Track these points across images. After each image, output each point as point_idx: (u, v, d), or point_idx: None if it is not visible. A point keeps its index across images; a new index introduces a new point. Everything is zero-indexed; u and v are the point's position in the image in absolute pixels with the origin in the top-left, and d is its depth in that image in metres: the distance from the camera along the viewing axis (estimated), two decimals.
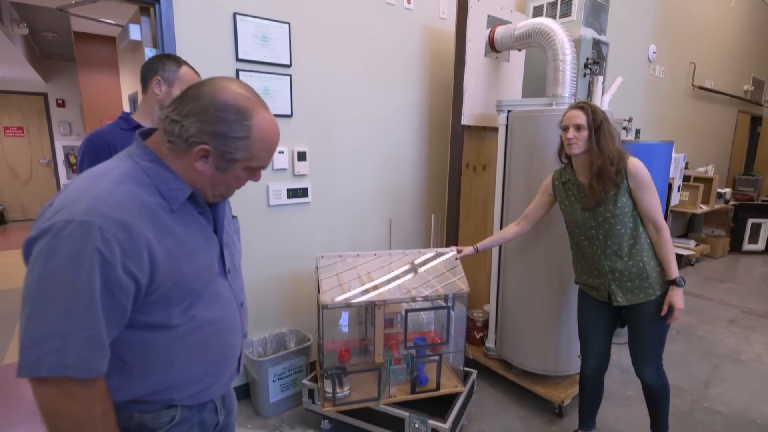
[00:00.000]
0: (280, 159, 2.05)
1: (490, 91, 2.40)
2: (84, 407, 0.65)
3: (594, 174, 1.46)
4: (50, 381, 0.63)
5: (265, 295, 2.13)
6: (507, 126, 2.10)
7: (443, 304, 1.82)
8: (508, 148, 2.10)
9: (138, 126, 1.30)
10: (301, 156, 2.11)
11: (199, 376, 0.80)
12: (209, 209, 0.81)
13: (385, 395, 1.70)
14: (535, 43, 2.11)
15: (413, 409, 1.66)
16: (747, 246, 5.10)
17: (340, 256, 1.77)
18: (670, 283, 1.48)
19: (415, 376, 1.79)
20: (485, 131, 2.48)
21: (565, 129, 1.51)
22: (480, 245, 1.88)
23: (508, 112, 2.10)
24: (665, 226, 1.48)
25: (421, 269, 1.85)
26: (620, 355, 2.66)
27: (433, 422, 1.59)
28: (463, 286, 1.74)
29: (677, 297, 1.46)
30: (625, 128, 3.30)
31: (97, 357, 0.65)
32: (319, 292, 1.64)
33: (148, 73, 1.31)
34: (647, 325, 1.53)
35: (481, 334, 2.44)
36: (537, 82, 2.76)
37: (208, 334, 0.79)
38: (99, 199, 0.64)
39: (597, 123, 1.44)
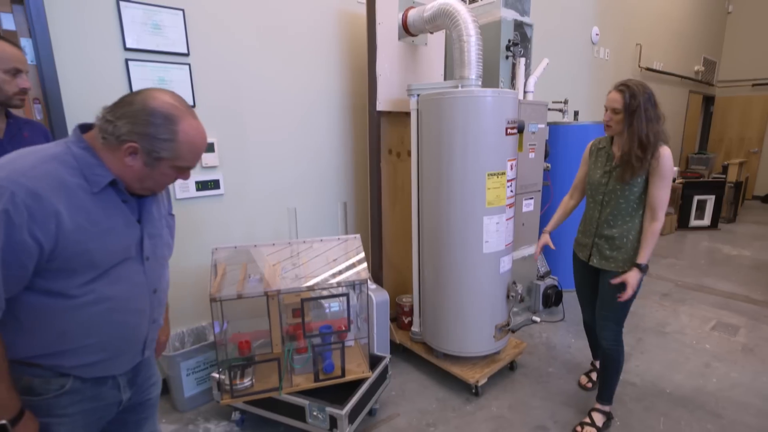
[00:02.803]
0: None
1: (407, 76, 2.38)
2: None
3: (621, 155, 1.57)
4: None
5: (182, 289, 2.09)
6: (418, 110, 2.09)
7: (344, 291, 1.82)
8: (420, 133, 2.10)
9: None
10: (209, 147, 2.06)
11: (93, 349, 0.86)
12: (134, 199, 0.90)
13: (289, 384, 1.70)
14: (442, 25, 2.09)
15: (322, 398, 1.66)
16: (693, 222, 5.25)
17: (236, 247, 1.74)
18: (635, 265, 1.60)
19: (324, 364, 1.79)
20: (407, 117, 2.46)
21: (606, 110, 1.61)
22: (549, 228, 1.99)
23: (418, 96, 2.08)
24: (662, 219, 1.56)
25: (324, 257, 1.84)
26: (549, 333, 2.72)
27: (331, 409, 1.59)
28: (363, 273, 1.74)
29: (634, 278, 1.57)
30: (560, 110, 3.33)
31: None
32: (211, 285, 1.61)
33: None
34: (610, 292, 1.65)
35: (409, 318, 2.46)
36: None
37: (106, 310, 0.85)
38: (19, 170, 0.74)
39: (633, 107, 1.50)
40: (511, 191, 2.02)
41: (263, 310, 1.84)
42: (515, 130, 2.00)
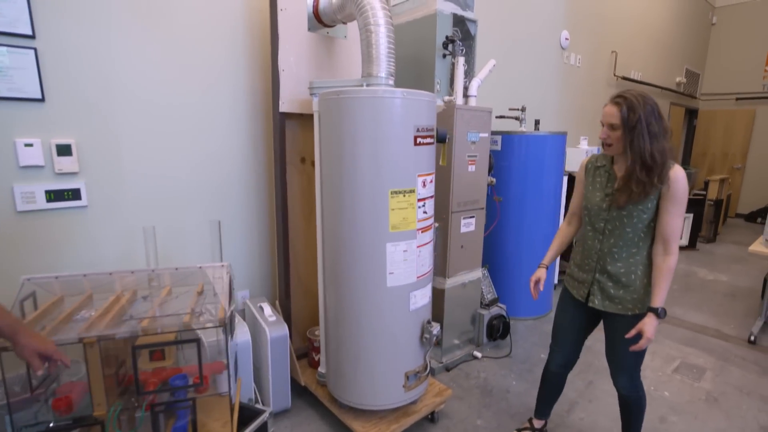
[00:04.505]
0: (29, 153, 1.64)
1: (321, 73, 2.04)
2: None
3: (623, 176, 1.35)
4: None
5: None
6: (319, 112, 1.75)
7: (195, 335, 1.46)
8: (320, 140, 1.75)
9: None
10: (64, 150, 1.70)
11: None
12: None
13: None
14: (350, 14, 1.76)
15: None
16: None
17: (57, 277, 1.38)
18: (650, 310, 1.35)
19: (175, 426, 1.42)
20: None
21: (602, 125, 1.39)
22: (546, 261, 1.69)
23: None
24: (676, 252, 1.35)
25: (177, 291, 1.48)
26: (490, 371, 2.37)
27: None
28: (214, 311, 1.38)
29: (651, 326, 1.34)
30: (516, 118, 3.01)
31: None
32: None
33: None
34: (623, 341, 1.44)
35: (319, 356, 2.10)
36: (406, 64, 2.42)
37: None
38: None
39: (632, 122, 1.28)
40: (425, 212, 1.68)
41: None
42: (430, 140, 1.67)
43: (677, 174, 1.29)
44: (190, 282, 1.64)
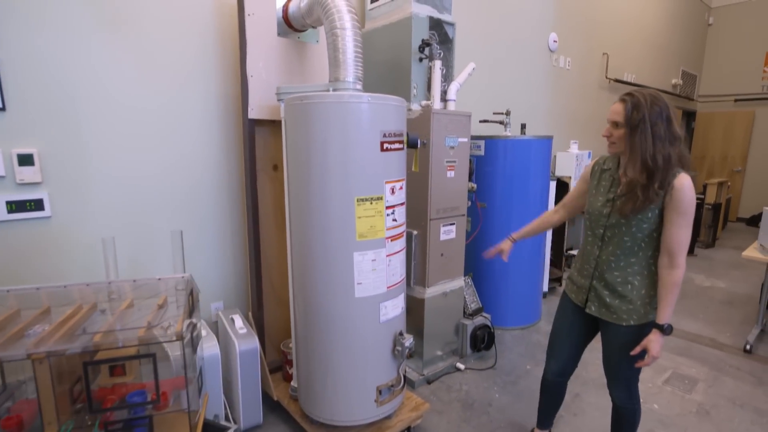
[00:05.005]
0: None
1: (292, 78, 2.00)
2: None
3: (627, 181, 1.31)
4: None
5: None
6: (285, 118, 1.71)
7: (149, 350, 1.40)
8: (287, 146, 1.71)
9: None
10: (26, 159, 1.66)
11: None
12: None
13: None
14: (318, 18, 1.72)
15: None
16: None
17: (8, 291, 1.33)
18: (655, 326, 1.30)
19: None
20: None
21: (608, 123, 1.35)
22: (516, 235, 1.72)
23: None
24: (683, 265, 1.28)
25: (139, 303, 1.43)
26: (472, 384, 2.29)
27: None
28: (166, 329, 1.33)
29: (656, 343, 1.29)
30: (501, 122, 2.96)
31: None
32: None
33: None
34: (618, 351, 1.42)
35: (293, 369, 2.04)
36: (382, 69, 2.38)
37: None
38: None
39: (635, 121, 1.23)
40: (395, 220, 1.62)
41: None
42: (399, 145, 1.61)
43: (683, 183, 1.22)
44: (153, 294, 1.60)
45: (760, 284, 3.43)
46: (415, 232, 2.29)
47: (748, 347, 2.71)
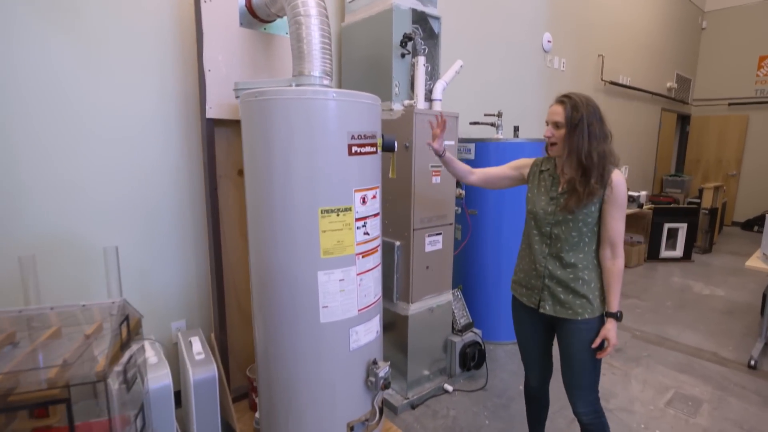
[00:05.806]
0: None
1: (258, 74, 1.81)
2: None
3: (568, 179, 1.37)
4: None
5: None
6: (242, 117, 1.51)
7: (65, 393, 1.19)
8: (244, 149, 1.50)
9: None
10: None
11: None
12: None
13: None
14: (282, 6, 1.53)
15: None
16: (664, 253, 4.72)
17: None
18: (608, 316, 1.36)
19: None
20: None
21: (547, 124, 1.39)
22: (447, 155, 1.67)
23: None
24: (623, 254, 1.37)
25: (67, 332, 1.22)
26: (460, 408, 2.10)
27: None
28: (88, 366, 1.12)
29: (613, 331, 1.35)
30: (493, 124, 2.78)
31: None
32: None
33: None
34: (576, 349, 1.40)
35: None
36: (363, 66, 2.20)
37: None
38: None
39: (575, 120, 1.29)
40: (367, 234, 1.43)
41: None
42: (371, 149, 1.42)
43: (618, 178, 1.32)
44: (87, 321, 1.38)
45: (761, 293, 3.29)
46: (397, 243, 2.09)
47: (752, 363, 2.55)
